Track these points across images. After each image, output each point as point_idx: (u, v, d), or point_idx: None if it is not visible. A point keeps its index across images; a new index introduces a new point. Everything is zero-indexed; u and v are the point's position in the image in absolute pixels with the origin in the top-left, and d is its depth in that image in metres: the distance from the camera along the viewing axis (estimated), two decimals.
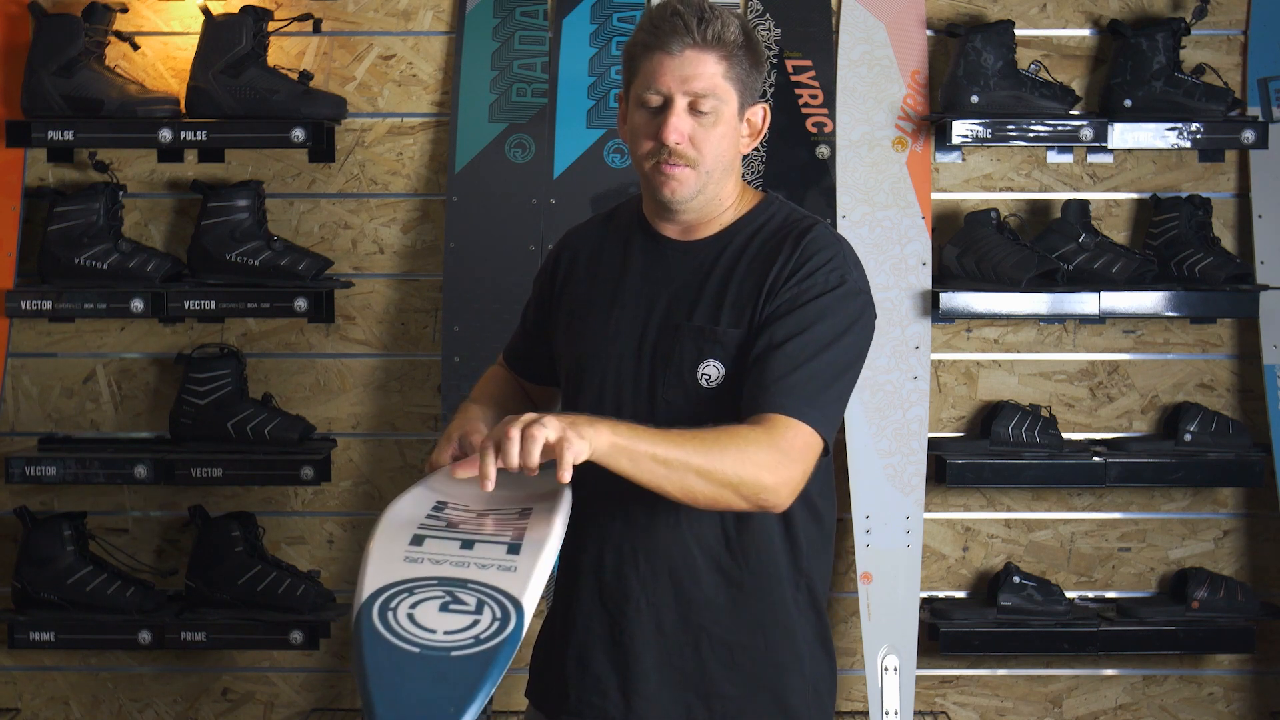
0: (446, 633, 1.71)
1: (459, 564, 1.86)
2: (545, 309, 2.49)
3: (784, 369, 2.15)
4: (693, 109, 2.21)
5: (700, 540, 2.26)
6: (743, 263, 2.26)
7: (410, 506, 2.03)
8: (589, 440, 1.98)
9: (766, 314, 2.20)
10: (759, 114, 2.31)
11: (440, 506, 2.05)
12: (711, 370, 2.22)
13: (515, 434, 1.96)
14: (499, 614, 1.75)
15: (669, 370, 2.24)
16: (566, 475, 1.96)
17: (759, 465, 2.08)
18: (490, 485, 1.96)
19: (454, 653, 1.69)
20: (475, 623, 1.74)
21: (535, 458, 1.95)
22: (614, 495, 2.20)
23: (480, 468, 1.97)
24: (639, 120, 2.25)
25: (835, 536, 2.39)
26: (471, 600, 1.77)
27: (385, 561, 1.85)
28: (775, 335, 2.18)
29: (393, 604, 1.76)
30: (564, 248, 2.48)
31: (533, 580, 1.83)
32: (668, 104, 2.21)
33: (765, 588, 2.28)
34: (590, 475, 2.05)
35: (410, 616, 1.74)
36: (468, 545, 1.92)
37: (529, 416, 1.98)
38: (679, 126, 2.20)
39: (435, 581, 1.81)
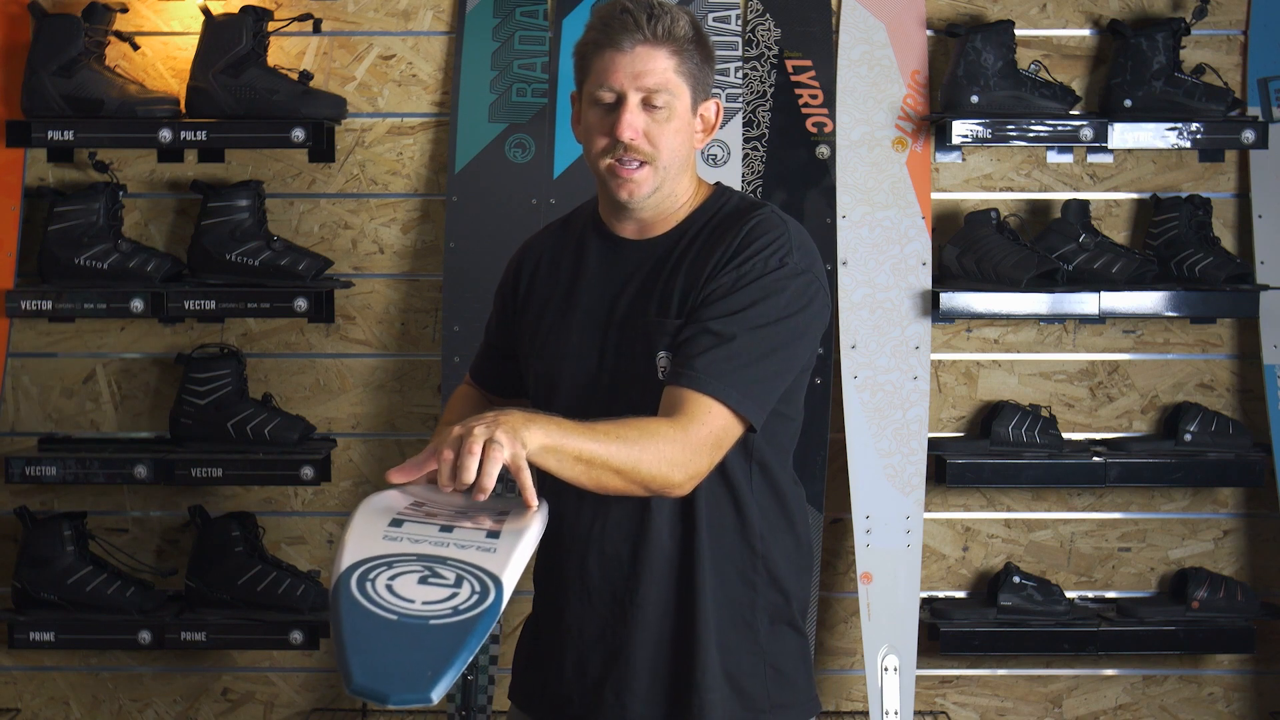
0: (425, 603, 1.71)
1: (438, 544, 1.85)
2: (507, 321, 2.47)
3: (707, 346, 2.15)
4: (646, 105, 2.22)
5: (674, 534, 2.26)
6: (691, 252, 2.26)
7: (388, 499, 2.03)
8: (526, 444, 1.96)
9: (702, 296, 2.20)
10: (711, 109, 2.32)
11: (418, 505, 2.05)
12: (665, 361, 2.22)
13: (474, 453, 1.92)
14: (478, 588, 1.75)
15: (629, 367, 2.24)
16: (533, 499, 1.98)
17: (670, 463, 2.09)
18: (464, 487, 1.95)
19: (432, 621, 1.69)
20: (454, 595, 1.73)
21: (491, 481, 1.93)
22: (591, 499, 2.20)
23: (443, 479, 1.96)
24: (593, 119, 2.25)
25: (824, 525, 2.38)
26: (450, 575, 1.77)
27: (364, 538, 1.85)
28: (705, 315, 2.18)
29: (371, 575, 1.75)
30: (523, 258, 2.46)
31: (512, 560, 1.82)
32: (621, 101, 2.22)
33: (720, 571, 2.27)
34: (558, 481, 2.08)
35: (389, 587, 1.73)
36: (447, 529, 1.92)
37: (478, 431, 1.93)
38: (633, 123, 2.21)
39: (414, 557, 1.81)
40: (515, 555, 1.83)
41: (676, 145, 2.24)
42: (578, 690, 2.31)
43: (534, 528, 1.96)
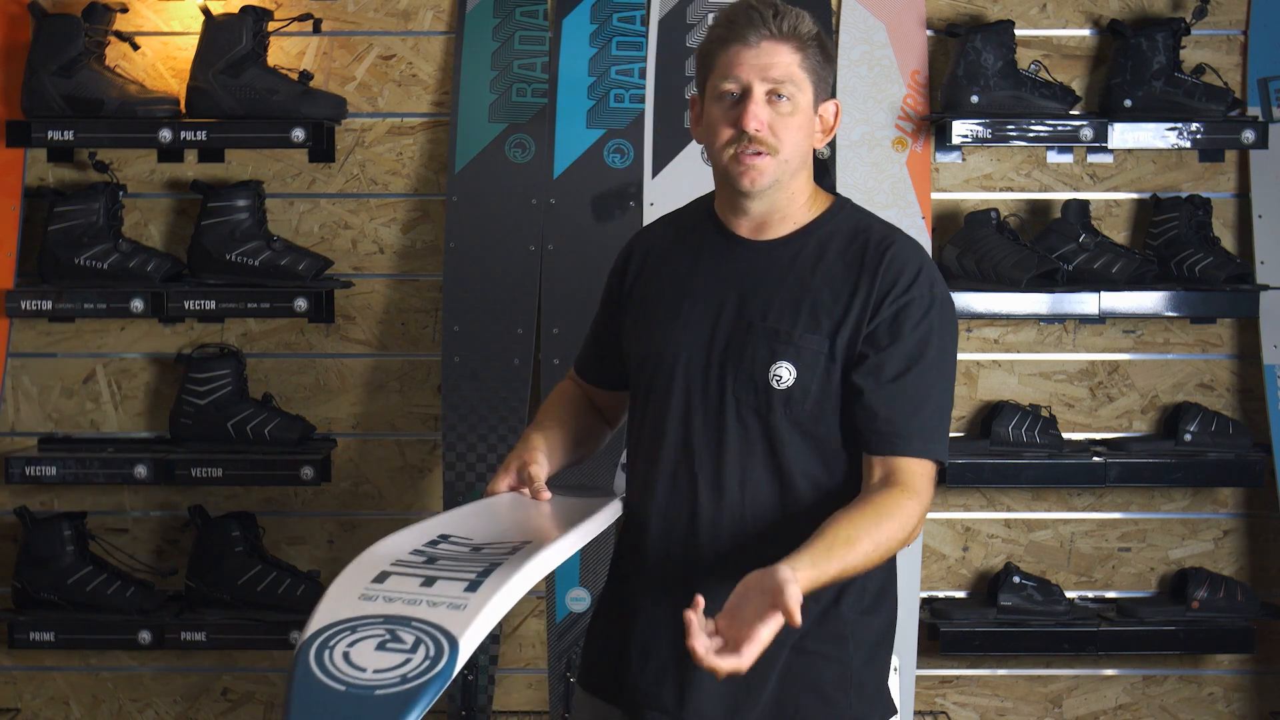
0: (375, 671, 1.72)
1: (411, 601, 1.87)
2: (614, 310, 2.48)
3: (910, 408, 2.22)
4: (770, 98, 2.25)
5: (761, 535, 2.27)
6: (821, 268, 2.28)
7: (400, 540, 2.05)
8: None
9: (865, 334, 2.24)
10: (831, 109, 2.34)
11: (438, 541, 2.05)
12: (783, 372, 2.25)
13: (763, 636, 1.94)
14: (432, 652, 1.75)
15: (740, 368, 2.26)
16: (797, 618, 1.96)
17: (909, 529, 2.19)
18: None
19: (377, 691, 1.70)
20: (406, 661, 1.74)
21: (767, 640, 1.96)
22: (681, 492, 2.28)
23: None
24: (716, 113, 2.27)
25: None
26: (410, 638, 1.78)
27: (339, 598, 1.88)
28: (888, 367, 2.22)
29: (331, 643, 1.77)
30: (634, 248, 2.48)
31: (477, 620, 1.82)
32: (746, 93, 2.24)
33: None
34: (660, 470, 2.24)
35: (345, 655, 1.75)
36: (429, 583, 1.93)
37: (779, 591, 1.95)
38: (758, 114, 2.24)
39: (380, 620, 1.82)
40: (482, 615, 1.84)
41: (799, 140, 2.27)
42: (643, 677, 2.32)
43: (519, 577, 1.95)
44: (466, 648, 1.77)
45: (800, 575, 1.99)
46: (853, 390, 2.23)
